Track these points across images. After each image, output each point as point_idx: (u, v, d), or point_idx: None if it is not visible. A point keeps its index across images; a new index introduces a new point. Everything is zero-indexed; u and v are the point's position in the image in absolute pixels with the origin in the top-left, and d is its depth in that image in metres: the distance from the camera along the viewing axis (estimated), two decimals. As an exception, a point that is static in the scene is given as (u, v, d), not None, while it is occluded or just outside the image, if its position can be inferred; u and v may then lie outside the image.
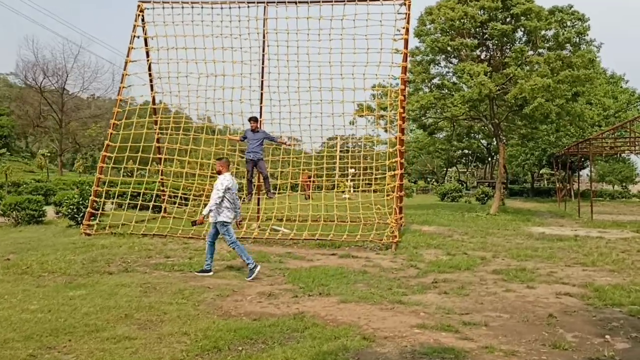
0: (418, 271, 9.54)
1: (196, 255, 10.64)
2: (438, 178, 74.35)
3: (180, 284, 8.02)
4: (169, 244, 11.97)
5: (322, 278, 8.63)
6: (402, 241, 13.09)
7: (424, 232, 15.46)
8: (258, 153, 13.39)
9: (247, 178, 13.72)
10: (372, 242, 12.29)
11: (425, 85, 24.48)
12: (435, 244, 12.92)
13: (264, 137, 13.58)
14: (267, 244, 12.57)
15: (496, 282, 8.51)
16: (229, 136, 14.37)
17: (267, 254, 11.11)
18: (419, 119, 26.29)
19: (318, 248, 12.23)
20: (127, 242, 11.99)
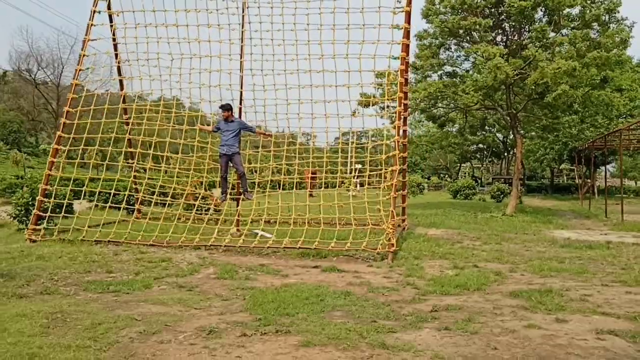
0: (415, 292, 7.67)
1: (146, 269, 8.84)
2: (451, 174, 72.10)
3: (101, 314, 6.22)
4: (122, 254, 10.19)
5: (291, 304, 6.78)
6: (401, 249, 11.22)
7: (430, 236, 13.55)
8: (233, 146, 11.56)
9: (220, 175, 11.89)
10: (364, 250, 10.42)
11: (434, 72, 22.47)
12: (441, 253, 11.02)
13: (240, 127, 11.75)
14: (242, 253, 10.75)
15: (515, 311, 6.59)
16: (199, 126, 12.53)
17: (235, 266, 9.29)
18: (428, 109, 24.29)
19: (300, 258, 10.39)
20: (74, 250, 10.23)
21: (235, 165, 11.67)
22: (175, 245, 10.93)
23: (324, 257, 10.44)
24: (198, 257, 10.05)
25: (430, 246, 11.83)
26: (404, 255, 10.58)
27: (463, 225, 16.50)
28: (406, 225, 14.75)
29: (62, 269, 8.66)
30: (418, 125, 54.65)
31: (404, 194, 14.51)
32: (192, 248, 10.92)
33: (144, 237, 11.20)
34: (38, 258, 9.46)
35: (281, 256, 10.56)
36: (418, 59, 22.27)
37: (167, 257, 9.82)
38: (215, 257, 10.17)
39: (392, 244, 10.16)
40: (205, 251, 10.76)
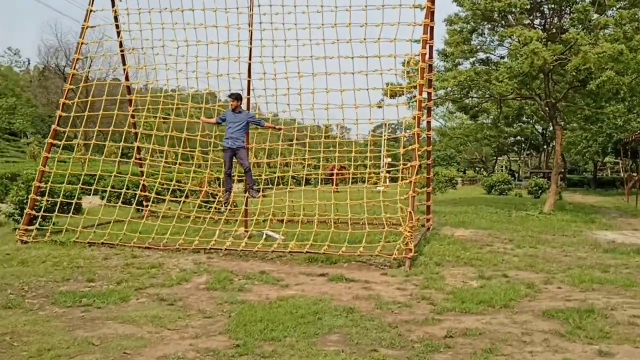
0: (430, 309, 6.64)
1: (131, 277, 8.02)
2: (487, 167, 70.11)
3: (56, 336, 5.40)
4: (112, 258, 9.41)
5: (281, 324, 5.85)
6: (422, 253, 10.19)
7: (456, 238, 12.45)
8: (239, 140, 10.70)
9: (224, 171, 11.04)
10: (379, 256, 9.41)
11: (466, 59, 21.17)
12: (466, 258, 9.94)
13: (247, 119, 10.86)
14: (243, 257, 9.86)
15: (547, 339, 5.51)
16: (202, 119, 11.68)
17: (232, 274, 8.41)
18: (459, 99, 22.99)
19: (308, 264, 9.45)
20: (61, 254, 9.50)
21: (241, 159, 10.79)
22: (172, 249, 10.12)
23: (334, 262, 9.49)
24: (194, 263, 9.20)
25: (455, 250, 10.75)
26: (424, 261, 9.54)
27: (495, 225, 15.29)
28: (431, 225, 13.67)
29: (40, 276, 7.90)
30: (451, 117, 53.06)
31: (428, 191, 13.43)
32: (191, 251, 10.09)
33: (140, 239, 10.42)
34: (19, 263, 8.76)
35: (287, 261, 9.64)
36: (448, 45, 21.02)
37: (159, 263, 9.01)
38: (212, 263, 9.31)
39: (410, 249, 9.13)
40: (204, 255, 9.91)
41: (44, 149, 11.81)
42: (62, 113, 11.48)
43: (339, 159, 13.72)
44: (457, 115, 50.38)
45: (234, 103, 10.67)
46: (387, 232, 10.76)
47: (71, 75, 11.83)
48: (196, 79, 13.24)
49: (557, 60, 17.80)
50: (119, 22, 13.04)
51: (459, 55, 20.55)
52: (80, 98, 12.01)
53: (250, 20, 12.18)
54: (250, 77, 12.09)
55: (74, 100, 11.73)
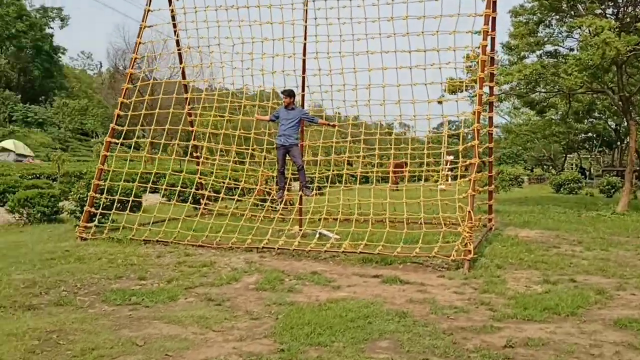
0: (490, 315, 6.24)
1: (182, 276, 7.98)
2: (556, 165, 67.45)
3: (101, 335, 5.37)
4: (165, 256, 9.44)
5: (329, 328, 5.62)
6: (483, 255, 9.71)
7: (520, 239, 11.84)
8: (291, 137, 10.54)
9: (277, 169, 10.91)
10: (436, 257, 9.02)
11: (532, 52, 20.26)
12: (530, 261, 9.39)
13: (300, 116, 10.69)
14: (296, 257, 9.69)
15: (619, 352, 5.02)
16: (257, 116, 11.59)
17: (283, 273, 8.25)
18: (525, 95, 22.07)
19: (362, 264, 9.17)
20: (117, 251, 9.63)
21: (294, 157, 10.64)
22: (225, 247, 10.06)
23: (388, 263, 9.16)
24: (245, 262, 9.10)
25: (518, 252, 10.20)
26: (484, 264, 9.07)
27: (562, 226, 14.49)
28: (493, 225, 13.09)
29: (94, 273, 7.98)
30: (517, 113, 51.32)
31: (490, 190, 12.86)
32: (244, 250, 10.01)
33: (194, 237, 10.42)
34: (76, 260, 8.90)
35: (340, 261, 9.39)
36: (512, 38, 20.18)
37: (211, 261, 8.95)
38: (264, 262, 9.18)
39: (469, 250, 8.69)
40: (256, 254, 9.81)
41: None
42: (120, 112, 11.67)
43: (399, 156, 13.31)
44: (523, 111, 48.75)
45: (287, 100, 10.52)
46: (446, 232, 10.33)
47: (129, 75, 11.99)
48: (251, 77, 13.23)
49: (631, 51, 16.74)
50: (176, 21, 13.14)
51: (524, 48, 19.71)
52: (145, 97, 12.18)
53: (304, 15, 12.01)
54: (304, 74, 11.92)
55: (131, 100, 11.89)
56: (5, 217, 13.59)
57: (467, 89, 17.21)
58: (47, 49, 69.88)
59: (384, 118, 13.06)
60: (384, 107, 12.24)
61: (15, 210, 12.88)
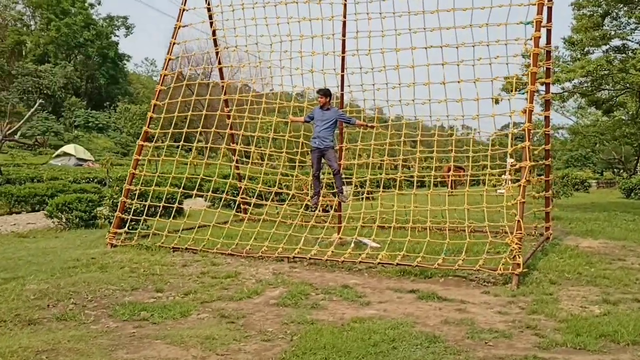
0: (536, 342, 5.45)
1: (202, 288, 7.53)
2: (628, 168, 63.87)
3: (94, 357, 4.95)
4: (191, 265, 9.03)
5: (347, 353, 5.02)
6: (536, 268, 8.84)
7: (581, 250, 10.81)
8: (327, 139, 9.97)
9: (312, 174, 10.35)
10: (481, 270, 8.22)
11: (597, 47, 18.92)
12: (590, 276, 8.43)
13: (336, 117, 10.10)
14: (328, 268, 9.09)
15: (690, 396, 4.17)
16: (291, 117, 11.06)
17: (311, 287, 7.67)
18: (590, 93, 20.67)
19: (399, 277, 8.48)
20: (143, 259, 9.31)
21: (329, 161, 10.05)
22: (255, 256, 9.58)
23: (428, 277, 8.43)
24: (273, 273, 8.57)
25: (577, 265, 9.22)
26: (536, 278, 8.19)
27: (631, 235, 13.23)
28: (551, 234, 12.05)
29: (111, 284, 7.64)
30: (584, 113, 48.85)
31: (547, 196, 11.85)
32: (274, 260, 9.49)
33: (224, 245, 9.99)
34: (99, 268, 8.61)
35: (376, 273, 8.72)
36: (575, 32, 18.91)
37: (236, 272, 8.47)
38: (293, 273, 8.62)
39: (518, 263, 7.84)
40: (287, 264, 9.26)
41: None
42: (153, 114, 11.42)
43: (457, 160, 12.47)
44: (590, 111, 46.45)
45: (322, 100, 9.96)
46: (496, 243, 9.48)
47: (162, 77, 11.75)
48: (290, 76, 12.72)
49: None
50: (213, 20, 12.82)
51: (588, 43, 18.41)
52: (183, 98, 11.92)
53: (343, 10, 11.41)
54: (343, 72, 11.32)
55: (164, 102, 11.63)
56: (46, 222, 13.62)
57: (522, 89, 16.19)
58: (113, 57, 72.19)
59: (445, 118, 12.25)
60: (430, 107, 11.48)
61: (54, 215, 12.86)
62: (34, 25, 71.51)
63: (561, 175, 31.63)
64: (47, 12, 66.17)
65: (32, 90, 57.19)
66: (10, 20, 67.71)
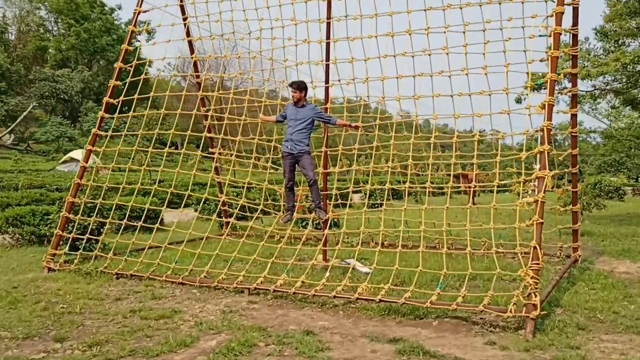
0: None
1: (116, 337, 5.90)
2: (667, 174, 60.88)
3: None
4: (126, 299, 7.42)
5: None
6: (559, 304, 7.08)
7: (617, 277, 8.97)
8: (301, 143, 8.31)
9: (284, 184, 8.68)
10: (486, 311, 6.45)
11: (633, 39, 16.94)
12: (630, 318, 6.62)
13: (312, 116, 8.42)
14: (297, 303, 7.39)
15: None
16: (262, 116, 9.39)
17: (265, 332, 6.01)
18: (624, 90, 18.64)
19: (382, 317, 6.77)
20: (71, 290, 7.74)
21: (303, 169, 8.38)
22: (210, 286, 7.94)
23: (419, 317, 6.70)
24: (223, 311, 6.91)
25: (613, 300, 7.41)
26: (559, 322, 6.39)
27: (677, 256, 11.28)
28: (579, 255, 10.19)
29: (5, 328, 6.06)
30: (618, 115, 46.29)
31: (575, 210, 10.00)
32: (233, 291, 7.84)
33: (176, 271, 8.39)
34: (9, 303, 7.04)
35: (354, 312, 7.01)
36: (608, 21, 16.96)
37: (174, 310, 6.82)
38: (250, 311, 6.95)
39: (534, 304, 6.06)
40: (246, 297, 7.60)
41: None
42: (105, 115, 9.90)
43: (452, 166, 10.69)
44: (625, 113, 43.99)
45: (296, 94, 8.29)
46: (511, 267, 7.71)
47: (117, 70, 10.23)
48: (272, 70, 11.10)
49: None
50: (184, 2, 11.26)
51: (623, 33, 16.42)
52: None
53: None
54: (328, 61, 9.63)
55: (118, 100, 10.11)
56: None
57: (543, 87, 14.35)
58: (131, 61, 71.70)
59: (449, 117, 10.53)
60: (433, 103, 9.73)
61: (3, 230, 11.39)
62: (56, 31, 71.57)
63: (593, 182, 29.43)
64: (67, 17, 66.10)
65: (49, 95, 56.81)
66: (33, 26, 67.76)
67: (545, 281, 8.32)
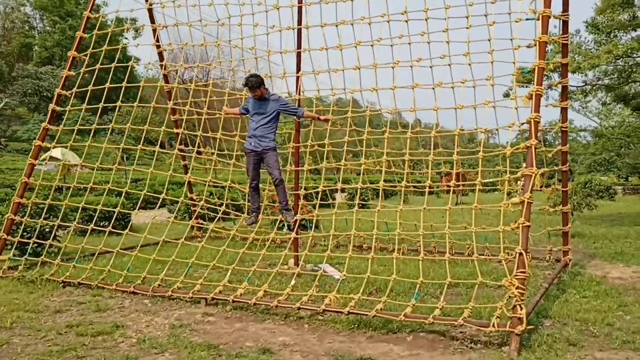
0: None
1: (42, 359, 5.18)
2: (656, 173, 60.62)
3: None
4: (66, 312, 6.67)
5: None
6: (547, 315, 6.42)
7: (611, 283, 8.36)
8: (265, 139, 7.62)
9: (249, 184, 7.98)
10: (466, 325, 5.77)
11: (625, 32, 16.36)
12: (626, 331, 5.97)
13: (277, 109, 7.72)
14: (259, 314, 6.69)
15: None
16: (225, 109, 8.66)
17: (216, 350, 5.31)
18: (616, 86, 18.08)
19: (351, 331, 6.09)
20: (11, 300, 7.01)
21: (269, 167, 7.69)
22: (164, 295, 7.22)
23: (392, 331, 6.02)
24: (173, 324, 6.19)
25: (606, 309, 6.78)
26: (548, 336, 5.74)
27: (672, 258, 10.68)
28: (569, 259, 9.56)
29: None
30: (609, 113, 45.92)
31: (565, 211, 9.37)
32: (189, 301, 7.13)
33: (128, 279, 7.67)
34: None
35: (320, 325, 6.31)
36: (600, 13, 16.39)
37: (118, 325, 6.09)
38: (203, 325, 6.23)
39: (519, 317, 5.40)
40: (202, 308, 6.88)
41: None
42: (57, 107, 9.16)
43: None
44: (615, 111, 43.66)
45: (257, 94, 7.58)
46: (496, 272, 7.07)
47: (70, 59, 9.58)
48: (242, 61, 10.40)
49: None
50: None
51: (616, 26, 15.84)
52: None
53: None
54: (300, 48, 8.92)
55: (72, 91, 9.40)
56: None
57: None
58: (121, 59, 70.76)
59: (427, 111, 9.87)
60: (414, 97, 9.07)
61: None
62: (41, 28, 70.48)
63: (583, 181, 28.93)
64: (52, 14, 65.06)
65: (32, 93, 55.75)
66: (18, 22, 66.58)
67: (533, 288, 7.70)
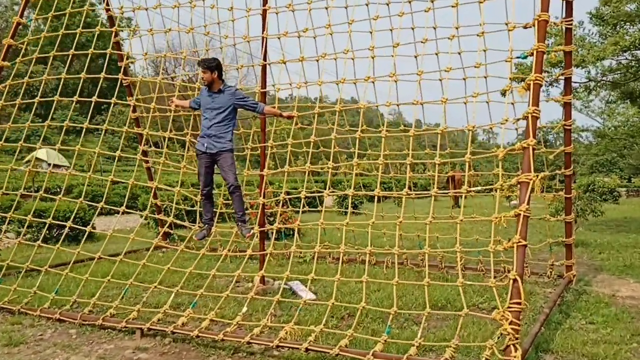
0: None
1: None
2: (660, 175, 59.70)
3: None
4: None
5: None
6: (548, 349, 5.38)
7: (621, 305, 7.30)
8: (221, 139, 6.58)
9: (200, 192, 6.94)
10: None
11: (632, 24, 15.33)
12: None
13: (233, 104, 6.67)
14: (202, 348, 5.63)
15: None
16: (175, 100, 7.58)
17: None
18: (622, 83, 17.04)
19: (309, 372, 5.03)
20: None
21: (223, 171, 6.64)
22: (96, 323, 6.15)
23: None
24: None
25: (618, 339, 5.75)
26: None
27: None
28: (573, 275, 8.51)
29: None
30: (612, 113, 44.88)
31: (569, 221, 8.31)
32: (122, 331, 6.07)
33: (57, 302, 6.63)
34: None
35: None
36: (605, 5, 15.36)
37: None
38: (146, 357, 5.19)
39: (514, 357, 4.35)
40: (138, 340, 5.83)
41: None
42: None
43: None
44: (619, 111, 42.65)
45: (207, 75, 6.53)
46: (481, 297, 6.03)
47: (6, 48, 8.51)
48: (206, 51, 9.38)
49: None
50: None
51: (622, 17, 14.80)
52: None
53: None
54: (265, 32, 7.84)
55: (5, 84, 8.40)
56: None
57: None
58: (117, 58, 69.81)
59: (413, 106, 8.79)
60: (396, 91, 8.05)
61: None
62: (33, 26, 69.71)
63: (586, 183, 27.91)
64: (44, 12, 64.24)
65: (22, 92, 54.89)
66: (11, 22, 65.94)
67: (532, 312, 6.67)
